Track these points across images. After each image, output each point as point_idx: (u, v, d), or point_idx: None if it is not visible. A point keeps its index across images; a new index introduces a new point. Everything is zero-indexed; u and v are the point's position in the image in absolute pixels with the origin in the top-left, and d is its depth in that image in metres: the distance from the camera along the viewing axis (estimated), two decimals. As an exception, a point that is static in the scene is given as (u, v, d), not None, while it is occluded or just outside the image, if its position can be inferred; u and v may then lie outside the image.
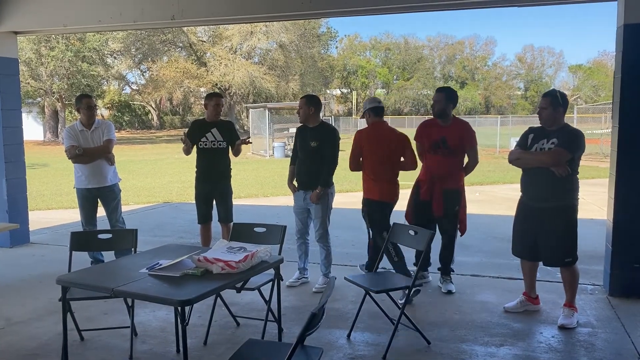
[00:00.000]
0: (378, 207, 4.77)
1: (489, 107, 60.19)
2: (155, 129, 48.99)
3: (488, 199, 10.92)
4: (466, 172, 4.94)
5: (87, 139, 5.23)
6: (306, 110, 4.90)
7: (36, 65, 32.26)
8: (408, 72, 61.35)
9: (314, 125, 4.94)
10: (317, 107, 4.93)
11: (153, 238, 6.99)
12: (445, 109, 4.79)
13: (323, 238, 5.00)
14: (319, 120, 4.98)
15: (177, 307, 2.86)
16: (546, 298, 4.56)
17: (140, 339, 3.85)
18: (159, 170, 17.26)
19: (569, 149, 3.98)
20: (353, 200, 11.01)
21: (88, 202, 5.33)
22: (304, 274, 5.14)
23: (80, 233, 3.89)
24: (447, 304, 4.58)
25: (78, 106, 5.28)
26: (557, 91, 4.15)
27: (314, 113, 4.92)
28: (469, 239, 6.93)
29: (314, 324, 2.31)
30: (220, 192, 5.34)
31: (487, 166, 18.03)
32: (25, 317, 4.33)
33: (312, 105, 4.90)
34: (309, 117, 4.92)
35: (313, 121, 4.94)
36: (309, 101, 4.93)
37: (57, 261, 5.39)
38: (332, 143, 4.93)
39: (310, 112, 4.90)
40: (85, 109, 5.24)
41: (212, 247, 3.38)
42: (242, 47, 38.69)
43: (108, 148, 5.20)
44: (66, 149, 5.19)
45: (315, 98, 5.01)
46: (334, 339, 3.87)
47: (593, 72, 58.48)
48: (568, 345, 3.76)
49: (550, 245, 4.12)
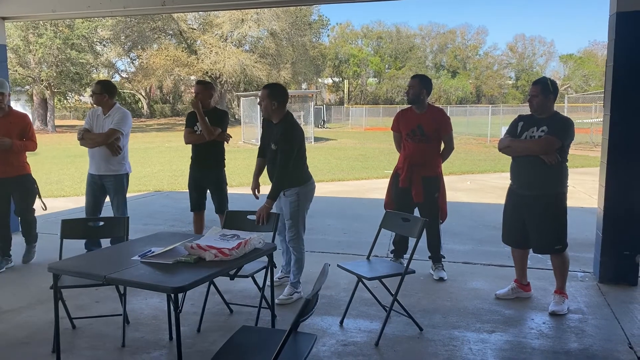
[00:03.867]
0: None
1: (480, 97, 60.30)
2: (145, 118, 48.63)
3: (479, 188, 10.98)
4: (443, 158, 4.99)
5: (100, 124, 5.18)
6: (268, 104, 4.18)
7: (24, 52, 31.88)
8: (400, 61, 61.27)
9: (277, 121, 4.24)
10: (282, 100, 4.20)
11: (144, 226, 6.96)
12: (419, 94, 4.81)
13: (293, 241, 4.37)
14: (283, 115, 4.23)
15: (170, 295, 2.85)
16: (537, 285, 4.59)
17: (133, 327, 3.84)
18: (150, 159, 17.16)
19: (559, 136, 3.99)
20: (345, 189, 11.05)
21: (90, 188, 5.28)
22: (286, 271, 4.77)
23: (71, 220, 3.86)
24: (438, 291, 4.61)
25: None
26: (548, 79, 4.16)
27: (278, 108, 4.19)
28: (460, 226, 6.98)
29: (308, 310, 2.32)
30: (214, 182, 5.26)
31: (478, 155, 18.11)
32: (16, 306, 4.30)
33: (274, 99, 4.17)
34: (271, 113, 4.22)
35: (276, 116, 4.23)
36: (272, 94, 4.18)
37: (47, 249, 5.35)
38: (285, 150, 4.14)
39: (272, 107, 4.18)
40: (91, 95, 5.25)
41: (205, 234, 3.36)
42: (232, 34, 38.43)
43: (106, 138, 5.09)
44: (78, 130, 5.25)
45: (280, 89, 4.26)
46: (326, 325, 3.88)
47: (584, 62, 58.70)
48: (559, 331, 3.80)
49: (539, 232, 4.14)
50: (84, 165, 14.21)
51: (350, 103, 53.96)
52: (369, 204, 8.93)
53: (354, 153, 19.41)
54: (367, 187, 11.24)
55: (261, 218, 3.99)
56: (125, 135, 5.22)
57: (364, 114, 39.70)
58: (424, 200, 4.84)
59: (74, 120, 46.86)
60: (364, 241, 5.73)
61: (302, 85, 47.67)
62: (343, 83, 58.87)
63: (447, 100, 53.18)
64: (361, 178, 12.72)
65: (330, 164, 15.77)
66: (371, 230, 4.33)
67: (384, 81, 59.54)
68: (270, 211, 4.04)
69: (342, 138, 27.61)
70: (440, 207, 4.92)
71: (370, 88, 60.84)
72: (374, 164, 15.79)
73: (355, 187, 11.24)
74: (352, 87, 59.73)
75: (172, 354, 3.46)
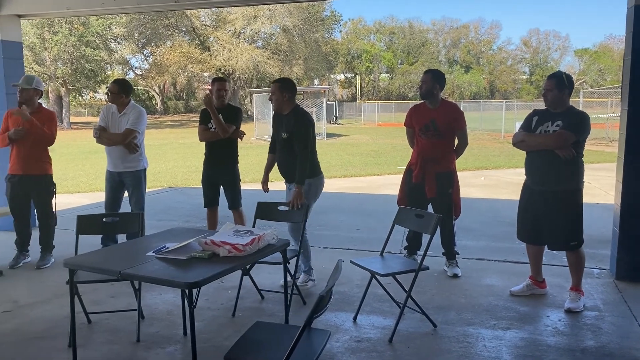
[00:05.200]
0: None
1: (494, 92, 59.88)
2: (159, 114, 48.93)
3: (493, 184, 10.90)
4: (457, 154, 4.95)
5: (115, 122, 5.22)
6: (279, 96, 4.37)
7: (40, 50, 32.24)
8: (412, 56, 60.99)
9: (287, 112, 4.42)
10: (292, 92, 4.42)
11: (159, 222, 7.01)
12: (432, 89, 4.76)
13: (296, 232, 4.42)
14: (293, 107, 4.44)
15: (185, 290, 2.86)
16: (552, 282, 4.55)
17: (148, 322, 3.87)
18: (164, 155, 17.28)
19: (575, 131, 3.94)
20: (358, 185, 11.03)
21: (109, 184, 5.34)
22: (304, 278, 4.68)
23: (86, 216, 3.89)
24: (453, 288, 4.58)
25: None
26: (563, 73, 4.10)
27: (288, 100, 4.39)
28: (474, 223, 6.94)
29: (322, 306, 2.31)
30: (227, 178, 5.28)
31: (492, 151, 17.98)
32: (32, 300, 4.35)
33: (285, 92, 4.37)
34: (282, 105, 4.41)
35: (287, 108, 4.42)
36: (283, 86, 4.38)
37: (63, 244, 5.40)
38: (301, 135, 4.33)
39: (284, 99, 4.38)
40: (107, 93, 5.30)
41: (219, 230, 3.37)
42: (245, 31, 38.50)
43: (124, 138, 5.13)
44: (94, 128, 5.28)
45: (289, 82, 4.47)
46: (340, 321, 3.88)
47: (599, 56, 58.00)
48: (575, 328, 3.76)
49: (555, 229, 4.09)
50: (99, 161, 14.37)
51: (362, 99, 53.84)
52: (382, 200, 8.90)
53: (366, 149, 19.37)
54: (380, 183, 11.20)
55: (295, 204, 4.21)
56: (141, 132, 5.27)
57: (376, 110, 39.57)
58: (438, 196, 4.81)
59: (89, 117, 47.30)
60: (377, 237, 5.71)
61: (314, 81, 47.69)
62: (355, 79, 58.74)
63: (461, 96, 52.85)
64: (374, 174, 12.69)
65: (342, 159, 15.75)
66: (384, 226, 4.32)
67: (396, 77, 59.33)
68: (302, 196, 4.23)
69: (355, 134, 27.56)
70: (454, 203, 4.88)
71: (382, 84, 60.66)
72: (386, 159, 15.74)
73: (367, 183, 11.22)
74: (365, 82, 59.58)
75: (186, 349, 3.48)
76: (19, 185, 5.12)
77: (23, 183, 5.12)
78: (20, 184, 5.12)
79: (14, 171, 5.11)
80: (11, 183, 5.14)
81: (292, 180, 4.42)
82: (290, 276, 3.90)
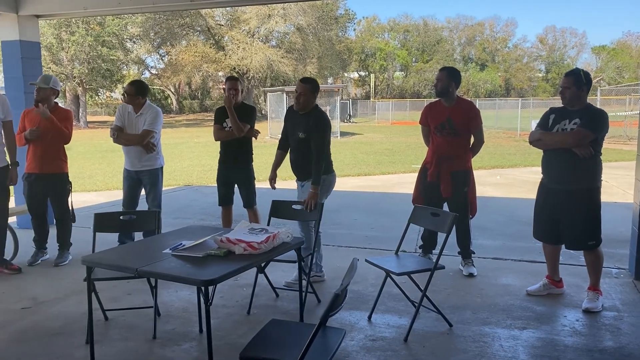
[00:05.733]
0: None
1: (510, 90, 59.36)
2: (174, 114, 49.26)
3: (509, 182, 10.80)
4: (473, 152, 4.91)
5: (132, 123, 5.27)
6: (310, 98, 4.37)
7: (57, 50, 32.61)
8: (427, 54, 60.67)
9: (306, 111, 4.43)
10: (317, 93, 4.45)
11: (174, 220, 7.06)
12: (448, 87, 4.73)
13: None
14: (313, 107, 4.45)
15: (201, 287, 2.88)
16: (570, 281, 4.50)
17: (164, 319, 3.90)
18: (179, 154, 17.39)
19: (592, 129, 3.88)
20: (372, 183, 11.00)
21: (126, 182, 5.40)
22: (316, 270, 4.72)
23: (103, 214, 3.93)
24: (468, 287, 4.55)
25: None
26: (581, 70, 4.05)
27: (314, 101, 4.43)
28: (490, 222, 6.88)
29: (337, 305, 2.31)
30: (242, 177, 5.30)
31: (508, 149, 17.82)
32: (50, 297, 4.41)
33: (315, 93, 4.40)
34: (308, 106, 4.41)
35: (309, 108, 4.43)
36: (314, 88, 4.41)
37: (80, 242, 5.45)
38: (320, 136, 4.35)
39: (312, 100, 4.40)
40: (123, 94, 5.37)
41: (234, 228, 3.39)
42: (259, 30, 38.59)
43: (142, 139, 5.19)
44: (111, 128, 5.34)
45: (317, 83, 4.49)
46: (354, 320, 3.88)
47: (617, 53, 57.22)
48: (593, 329, 3.72)
49: (572, 228, 4.04)
50: (115, 160, 14.52)
51: (376, 97, 53.67)
52: (396, 199, 8.87)
53: (380, 147, 19.31)
54: (394, 181, 11.17)
55: (310, 204, 4.22)
56: (158, 132, 5.32)
57: (390, 108, 39.44)
58: (453, 195, 4.77)
59: (106, 116, 47.75)
60: (391, 236, 5.69)
61: (328, 79, 47.62)
62: (369, 77, 58.60)
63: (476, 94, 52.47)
64: (388, 172, 12.66)
65: (356, 158, 15.73)
66: (398, 225, 4.31)
67: (410, 75, 59.05)
68: (317, 197, 4.23)
69: (369, 132, 27.49)
70: (470, 201, 4.85)
71: (396, 82, 60.42)
72: (400, 158, 15.68)
73: (382, 182, 11.18)
74: (379, 81, 59.39)
75: (202, 346, 3.50)
76: (36, 184, 5.19)
77: (40, 182, 5.19)
78: (36, 182, 5.18)
79: (31, 170, 5.18)
80: (28, 182, 5.21)
81: (304, 178, 4.44)
82: (304, 274, 3.91)
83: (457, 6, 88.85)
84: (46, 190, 5.27)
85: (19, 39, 6.45)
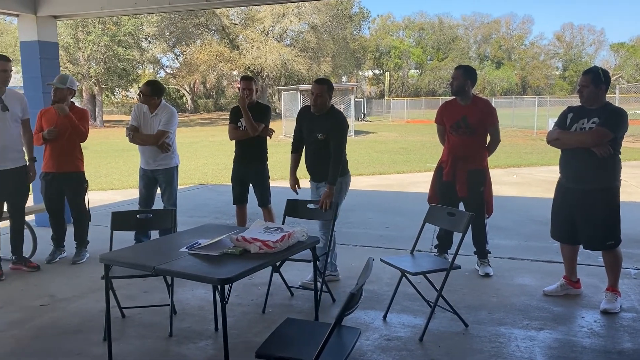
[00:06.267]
0: None
1: (526, 88, 58.78)
2: (189, 113, 49.56)
3: (525, 182, 10.70)
4: (490, 151, 4.87)
5: (147, 123, 5.32)
6: (326, 99, 4.34)
7: (74, 49, 32.97)
8: (442, 52, 60.30)
9: (323, 113, 4.40)
10: (332, 92, 4.43)
11: (190, 218, 7.10)
12: (464, 85, 4.69)
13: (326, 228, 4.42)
14: (329, 107, 4.43)
15: (217, 286, 2.90)
16: (588, 282, 4.44)
17: (180, 317, 3.93)
18: (194, 153, 17.49)
19: (611, 128, 3.83)
20: (387, 182, 10.97)
21: (142, 181, 5.46)
22: (331, 269, 4.70)
23: (121, 213, 3.96)
24: (484, 287, 4.52)
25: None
26: (599, 68, 3.99)
27: (329, 101, 4.38)
28: (506, 221, 6.83)
29: (352, 304, 2.31)
30: (256, 176, 5.31)
31: (524, 148, 17.66)
32: (69, 295, 4.46)
33: (331, 93, 4.39)
34: (324, 107, 4.38)
35: (325, 109, 4.40)
36: (330, 88, 4.38)
37: (97, 240, 5.51)
38: (339, 136, 4.37)
39: (328, 101, 4.36)
40: (139, 94, 5.43)
41: (250, 227, 3.40)
42: (274, 29, 38.63)
43: (157, 140, 5.23)
44: (126, 127, 5.41)
45: (332, 84, 4.47)
46: (369, 320, 3.87)
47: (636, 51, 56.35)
48: (611, 330, 3.67)
49: (591, 228, 4.00)
50: (131, 159, 14.64)
51: (391, 95, 53.48)
52: (411, 198, 8.84)
53: (395, 146, 19.24)
54: (409, 180, 11.12)
55: (325, 204, 4.19)
56: (173, 131, 5.36)
57: (405, 107, 39.29)
58: (469, 194, 4.74)
59: (121, 115, 48.17)
60: (406, 235, 5.68)
61: (342, 78, 47.55)
62: (384, 75, 58.38)
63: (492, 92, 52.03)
64: (403, 172, 12.61)
65: (371, 157, 15.69)
66: (413, 224, 4.30)
67: (425, 73, 58.73)
68: (332, 196, 4.23)
69: (383, 131, 27.41)
70: (486, 201, 4.81)
71: (411, 80, 60.15)
72: (415, 157, 15.61)
73: (396, 181, 11.15)
74: (393, 79, 59.16)
75: (217, 344, 3.52)
76: (53, 183, 5.26)
77: (56, 180, 5.25)
78: (53, 181, 5.25)
79: (48, 169, 5.25)
80: (45, 181, 5.28)
81: (321, 179, 4.43)
82: (319, 273, 3.91)
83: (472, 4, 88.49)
84: (63, 189, 5.33)
85: (37, 40, 6.53)
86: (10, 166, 4.88)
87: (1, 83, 4.81)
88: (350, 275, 4.69)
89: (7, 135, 4.84)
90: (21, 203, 5.11)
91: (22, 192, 5.09)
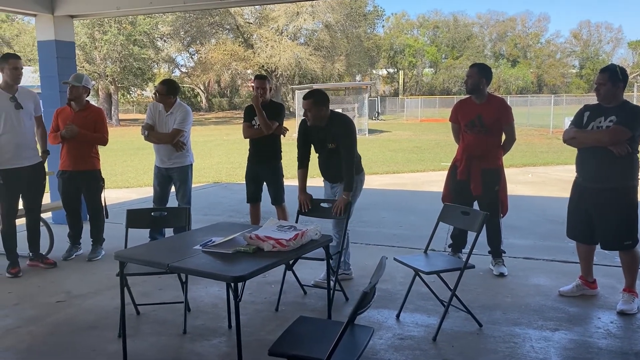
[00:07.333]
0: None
1: (542, 86, 58.19)
2: (204, 111, 49.82)
3: (541, 181, 10.60)
4: (505, 150, 4.82)
5: (163, 121, 5.36)
6: (316, 112, 4.18)
7: (90, 49, 33.30)
8: (457, 51, 59.91)
9: (325, 122, 4.27)
10: (327, 103, 4.24)
11: (204, 217, 7.14)
12: (479, 84, 4.65)
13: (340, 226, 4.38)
14: (329, 115, 4.27)
15: (230, 284, 2.91)
16: (604, 282, 4.39)
17: (194, 314, 3.95)
18: (209, 152, 17.58)
19: (630, 126, 3.78)
20: (401, 181, 10.93)
21: (157, 179, 5.51)
22: (344, 268, 4.65)
23: (136, 210, 4.00)
24: (499, 287, 4.49)
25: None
26: (617, 66, 3.94)
27: (325, 112, 4.23)
28: (521, 221, 6.77)
29: (366, 303, 2.30)
30: (271, 174, 5.33)
31: (540, 147, 17.49)
32: (84, 291, 4.51)
33: (323, 105, 4.19)
34: (322, 118, 4.23)
35: (325, 119, 4.26)
36: (318, 100, 4.17)
37: (112, 237, 5.58)
38: (349, 142, 4.27)
39: (321, 113, 4.21)
40: (155, 93, 5.48)
41: (263, 225, 3.41)
42: (288, 28, 38.67)
43: (172, 138, 5.27)
44: (142, 126, 5.46)
45: (322, 95, 4.25)
46: (382, 319, 3.86)
47: (655, 48, 55.45)
48: (628, 331, 3.62)
49: (608, 228, 3.95)
50: (146, 157, 14.74)
51: (405, 94, 53.25)
52: (425, 197, 8.80)
53: (409, 145, 19.17)
54: (423, 179, 11.07)
55: (339, 209, 4.16)
56: (188, 130, 5.40)
57: (419, 105, 39.09)
58: (484, 193, 4.71)
59: (137, 114, 48.57)
60: (420, 234, 5.65)
61: (356, 77, 47.47)
62: (398, 74, 58.13)
63: (507, 90, 51.54)
64: (417, 170, 12.55)
65: (384, 156, 15.65)
66: (427, 223, 4.27)
67: (440, 71, 58.40)
68: (347, 203, 4.19)
69: (397, 130, 27.31)
70: (500, 200, 4.77)
71: (426, 78, 59.83)
72: (429, 156, 15.53)
73: (410, 180, 11.10)
74: (408, 78, 58.89)
75: (231, 342, 3.53)
76: (70, 181, 5.32)
77: (73, 178, 5.31)
78: (70, 179, 5.31)
79: (65, 167, 5.31)
80: (62, 179, 5.34)
81: (336, 181, 4.42)
82: (332, 272, 3.91)
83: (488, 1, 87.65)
84: (80, 186, 5.39)
85: (54, 39, 6.61)
86: (26, 164, 4.95)
87: (13, 81, 4.84)
88: (363, 274, 4.69)
89: (21, 133, 4.90)
90: (37, 200, 5.17)
91: (38, 189, 5.16)
